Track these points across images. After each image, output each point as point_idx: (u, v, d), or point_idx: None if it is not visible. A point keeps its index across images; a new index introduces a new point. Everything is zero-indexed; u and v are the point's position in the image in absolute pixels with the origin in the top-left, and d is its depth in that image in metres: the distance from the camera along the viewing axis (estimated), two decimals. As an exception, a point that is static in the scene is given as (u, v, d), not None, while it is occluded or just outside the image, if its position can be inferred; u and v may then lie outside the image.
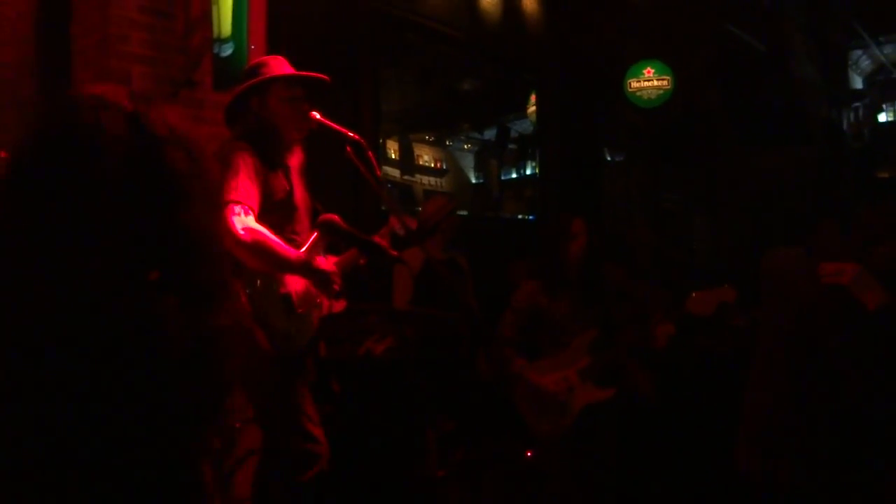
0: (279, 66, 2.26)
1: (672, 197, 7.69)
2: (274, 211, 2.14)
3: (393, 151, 7.02)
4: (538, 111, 6.59)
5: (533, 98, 6.72)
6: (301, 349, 2.16)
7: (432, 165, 7.84)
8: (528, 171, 7.53)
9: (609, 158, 7.66)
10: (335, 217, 2.12)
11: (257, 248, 1.97)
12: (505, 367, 2.86)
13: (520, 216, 7.44)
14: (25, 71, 3.08)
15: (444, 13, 5.18)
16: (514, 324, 2.91)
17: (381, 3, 4.55)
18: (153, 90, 2.91)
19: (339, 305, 2.29)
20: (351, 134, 2.18)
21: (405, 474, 2.97)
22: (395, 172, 6.96)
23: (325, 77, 2.27)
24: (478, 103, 6.69)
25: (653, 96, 6.41)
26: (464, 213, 6.61)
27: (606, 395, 2.75)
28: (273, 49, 3.06)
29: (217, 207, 1.01)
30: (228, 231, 1.91)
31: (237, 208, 1.98)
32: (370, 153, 2.17)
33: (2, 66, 3.03)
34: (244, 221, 1.97)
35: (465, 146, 8.57)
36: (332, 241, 2.17)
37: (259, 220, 2.03)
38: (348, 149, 2.17)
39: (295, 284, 2.15)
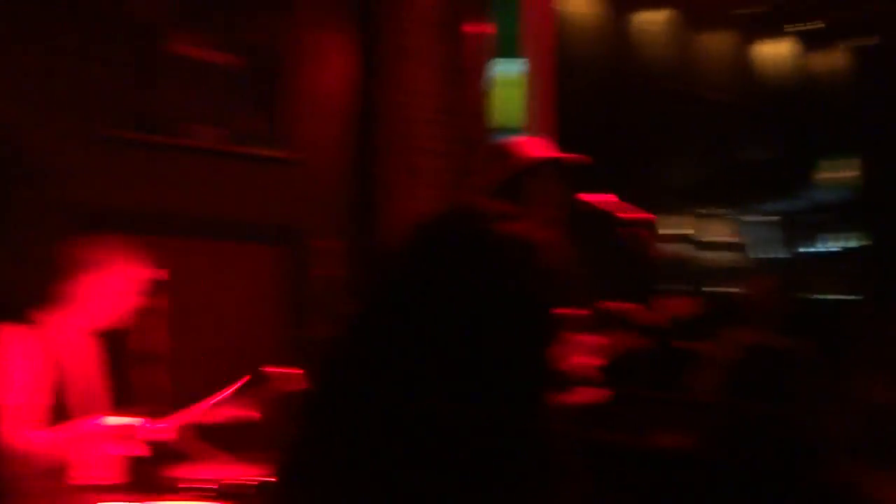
0: (539, 147, 2.29)
1: None
2: None
3: (679, 227, 6.71)
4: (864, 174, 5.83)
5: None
6: None
7: (725, 241, 7.33)
8: (849, 244, 6.64)
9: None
10: (619, 304, 2.05)
11: None
12: (847, 483, 2.44)
13: (836, 297, 6.53)
14: (338, 169, 3.59)
15: (723, 81, 4.93)
16: (853, 425, 2.48)
17: (657, 78, 4.48)
18: (444, 180, 3.19)
19: (595, 395, 2.13)
20: (626, 214, 2.13)
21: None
22: (682, 249, 6.63)
23: (587, 158, 2.26)
24: (774, 171, 6.16)
25: None
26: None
27: None
28: (555, 133, 3.17)
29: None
30: None
31: None
32: (645, 232, 2.10)
33: (323, 168, 3.56)
34: None
35: (762, 218, 7.86)
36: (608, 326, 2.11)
37: None
38: (622, 229, 2.12)
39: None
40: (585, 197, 2.21)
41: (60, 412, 2.21)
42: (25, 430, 2.11)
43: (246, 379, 2.32)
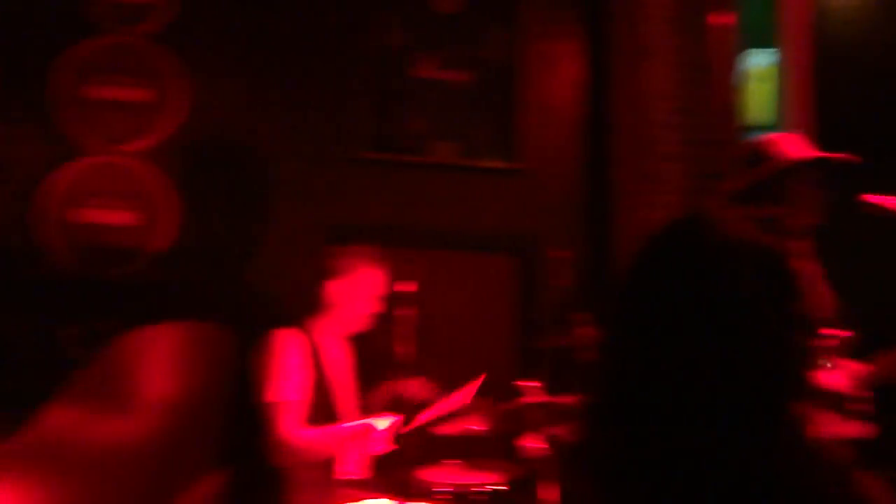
0: (797, 146, 2.06)
1: None
2: None
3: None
4: None
5: None
6: None
7: None
8: None
9: None
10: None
11: None
12: None
13: None
14: (571, 178, 3.53)
15: None
16: None
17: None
18: (685, 185, 3.00)
19: (865, 429, 1.83)
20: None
21: None
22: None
23: (856, 157, 1.99)
24: None
25: None
26: None
27: None
28: (814, 128, 2.86)
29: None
30: None
31: None
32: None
33: (555, 178, 3.53)
34: None
35: None
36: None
37: None
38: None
39: None
40: (868, 199, 1.95)
41: (320, 410, 2.40)
42: (298, 426, 2.31)
43: (480, 381, 2.36)
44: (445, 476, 2.34)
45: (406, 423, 2.24)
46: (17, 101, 3.19)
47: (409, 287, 2.48)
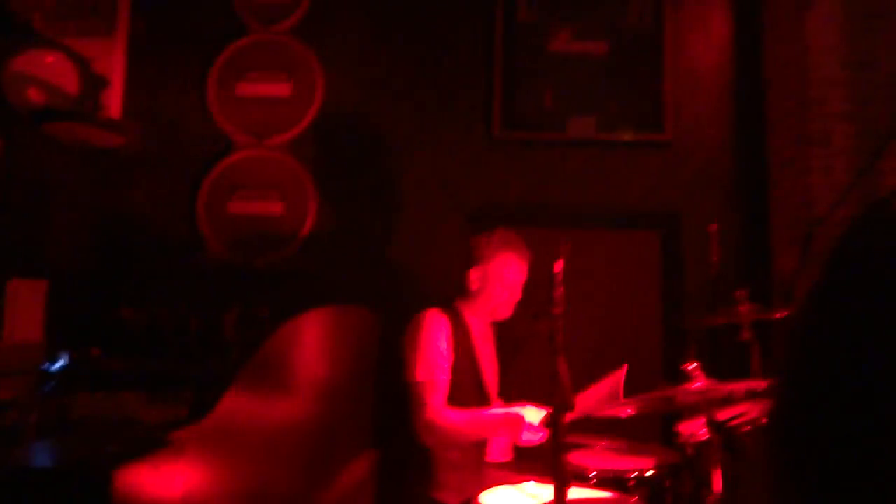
0: None
1: None
2: None
3: None
4: None
5: None
6: None
7: None
8: None
9: None
10: None
11: None
12: None
13: None
14: (722, 146, 3.30)
15: None
16: None
17: None
18: (855, 147, 2.71)
19: None
20: None
21: None
22: None
23: None
24: None
25: None
26: None
27: None
28: None
29: None
30: None
31: None
32: None
33: (705, 147, 3.30)
34: None
35: None
36: None
37: None
38: None
39: None
40: None
41: (469, 391, 2.39)
42: (443, 406, 2.31)
43: (624, 370, 2.25)
44: (598, 460, 2.27)
45: (556, 413, 2.17)
46: (179, 100, 3.41)
47: (556, 267, 2.41)
